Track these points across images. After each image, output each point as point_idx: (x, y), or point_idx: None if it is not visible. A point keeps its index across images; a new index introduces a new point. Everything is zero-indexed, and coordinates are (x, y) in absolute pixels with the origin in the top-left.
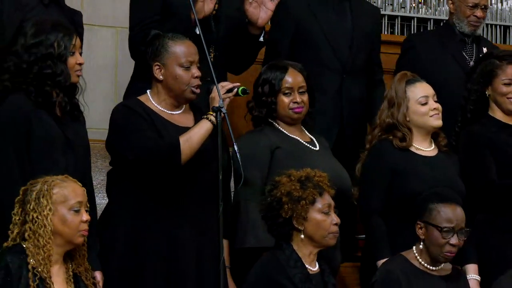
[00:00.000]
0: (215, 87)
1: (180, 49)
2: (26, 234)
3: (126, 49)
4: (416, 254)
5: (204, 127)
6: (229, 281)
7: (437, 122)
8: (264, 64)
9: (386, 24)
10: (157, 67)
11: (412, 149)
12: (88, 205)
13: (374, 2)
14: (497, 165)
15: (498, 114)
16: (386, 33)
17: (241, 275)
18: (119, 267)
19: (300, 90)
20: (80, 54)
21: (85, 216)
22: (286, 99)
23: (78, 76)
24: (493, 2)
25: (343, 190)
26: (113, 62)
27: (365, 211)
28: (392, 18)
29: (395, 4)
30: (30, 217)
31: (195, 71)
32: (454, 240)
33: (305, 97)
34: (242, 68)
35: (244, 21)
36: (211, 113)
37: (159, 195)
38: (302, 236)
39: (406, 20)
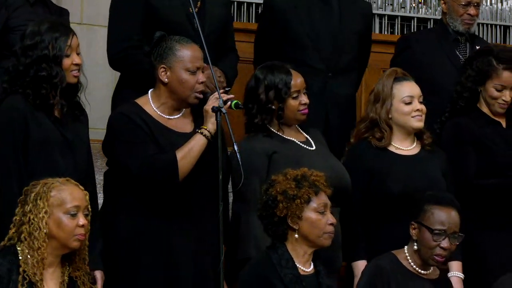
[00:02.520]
0: (210, 96)
1: (188, 53)
2: (22, 236)
3: None
4: (407, 255)
5: (199, 143)
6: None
7: (418, 123)
8: (256, 64)
9: (386, 24)
10: (163, 69)
11: (391, 148)
12: (90, 208)
13: (374, 2)
14: (479, 161)
15: (486, 109)
16: (386, 33)
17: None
18: (114, 269)
19: (304, 91)
20: (78, 54)
21: (82, 221)
22: (294, 102)
23: (76, 76)
24: (493, 2)
25: (342, 188)
26: None
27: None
28: (392, 18)
29: (395, 4)
30: (27, 218)
31: (201, 77)
32: (445, 243)
33: (307, 98)
34: None
35: (229, 16)
36: (205, 127)
37: (155, 202)
38: (297, 235)
39: (406, 20)
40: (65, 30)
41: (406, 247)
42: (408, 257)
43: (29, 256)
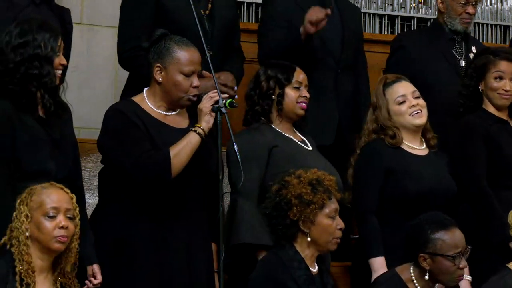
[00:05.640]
0: (204, 96)
1: (185, 56)
2: (13, 240)
3: None
4: (414, 278)
5: (192, 141)
6: (216, 284)
7: (418, 120)
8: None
9: (386, 24)
10: (158, 68)
11: (404, 147)
12: (77, 211)
13: (374, 2)
14: (489, 159)
15: (491, 109)
16: (386, 33)
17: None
18: (108, 270)
19: (306, 88)
20: (64, 54)
21: (63, 222)
22: (294, 93)
23: (58, 77)
24: (493, 2)
25: None
26: (113, 62)
27: (360, 210)
28: (392, 18)
29: (395, 4)
30: (14, 224)
31: (195, 81)
32: (463, 263)
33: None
34: None
35: (237, 17)
36: (199, 125)
37: (149, 199)
38: (309, 239)
39: (406, 20)
40: (54, 30)
41: (411, 269)
42: (415, 281)
43: (18, 260)
